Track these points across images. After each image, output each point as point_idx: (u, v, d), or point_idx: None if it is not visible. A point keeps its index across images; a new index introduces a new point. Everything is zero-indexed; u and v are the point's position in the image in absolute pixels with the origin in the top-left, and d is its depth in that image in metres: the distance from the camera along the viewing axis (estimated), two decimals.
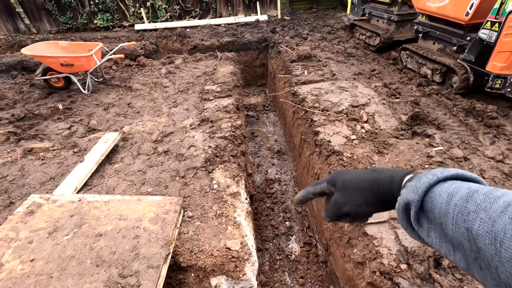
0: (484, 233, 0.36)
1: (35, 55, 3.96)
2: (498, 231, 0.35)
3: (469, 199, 0.39)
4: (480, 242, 0.37)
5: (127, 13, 9.08)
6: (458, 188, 0.42)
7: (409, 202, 0.47)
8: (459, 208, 0.40)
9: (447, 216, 0.41)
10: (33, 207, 2.09)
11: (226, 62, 5.28)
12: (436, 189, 0.45)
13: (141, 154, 2.96)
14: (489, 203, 0.37)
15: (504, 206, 0.35)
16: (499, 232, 0.35)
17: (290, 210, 3.67)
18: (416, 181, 0.48)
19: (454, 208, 0.40)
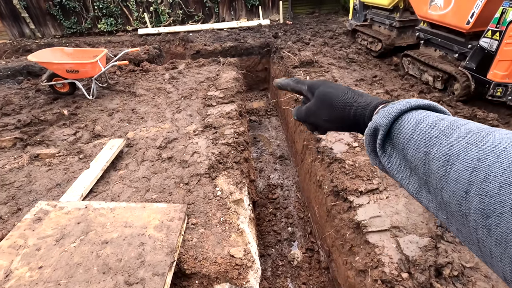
0: (440, 156, 0.37)
1: (41, 62, 4.03)
2: (452, 154, 0.36)
3: (433, 126, 0.40)
4: (433, 164, 0.38)
5: (130, 18, 9.18)
6: (427, 116, 0.43)
7: (378, 126, 0.47)
8: (423, 134, 0.40)
9: (411, 141, 0.42)
10: (41, 214, 2.13)
11: (229, 68, 5.33)
12: (406, 116, 0.45)
13: (146, 160, 3.00)
14: (451, 129, 0.38)
15: (464, 133, 0.36)
16: (452, 155, 0.36)
17: (293, 216, 3.70)
18: (389, 107, 0.47)
19: (418, 134, 0.41)
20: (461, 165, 0.34)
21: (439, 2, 3.65)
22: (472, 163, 0.33)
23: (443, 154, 0.37)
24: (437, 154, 0.38)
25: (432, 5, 3.79)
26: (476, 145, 0.34)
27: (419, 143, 0.41)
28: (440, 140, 0.38)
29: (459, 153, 0.35)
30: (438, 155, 0.38)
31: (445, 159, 0.36)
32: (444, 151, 0.37)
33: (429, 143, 0.39)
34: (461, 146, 0.35)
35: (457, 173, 0.34)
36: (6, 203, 2.44)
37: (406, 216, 2.11)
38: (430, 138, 0.39)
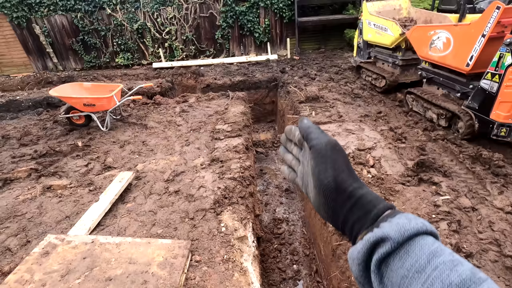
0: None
1: (61, 96, 4.29)
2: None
3: (453, 269, 0.37)
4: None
5: (146, 53, 9.75)
6: (442, 250, 0.40)
7: (386, 239, 0.41)
8: (439, 272, 0.37)
9: (421, 273, 0.38)
10: (49, 248, 2.18)
11: (237, 102, 5.54)
12: (419, 240, 0.41)
13: (153, 193, 3.06)
14: (474, 284, 0.35)
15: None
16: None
17: (298, 253, 3.62)
18: (404, 221, 0.42)
19: (433, 270, 0.38)
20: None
21: (438, 44, 3.82)
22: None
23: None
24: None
25: (432, 47, 3.96)
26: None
27: (433, 282, 0.37)
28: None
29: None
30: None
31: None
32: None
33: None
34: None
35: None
36: (17, 235, 2.50)
37: None
38: (450, 284, 0.36)
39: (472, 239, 2.23)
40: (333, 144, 0.54)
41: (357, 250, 0.44)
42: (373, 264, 0.42)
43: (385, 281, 0.41)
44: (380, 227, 0.43)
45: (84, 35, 9.28)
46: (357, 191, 0.49)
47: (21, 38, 9.21)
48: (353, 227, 0.48)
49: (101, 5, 8.95)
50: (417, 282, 0.38)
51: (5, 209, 2.83)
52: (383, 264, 0.42)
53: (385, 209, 0.47)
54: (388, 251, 0.41)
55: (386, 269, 0.42)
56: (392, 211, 0.46)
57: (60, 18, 9.07)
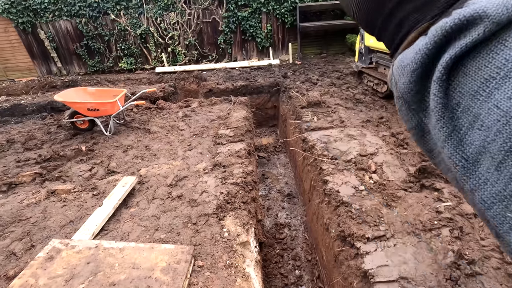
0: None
1: (65, 101, 4.34)
2: None
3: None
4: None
5: (149, 57, 9.84)
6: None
7: (481, 18, 0.25)
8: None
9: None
10: (53, 253, 2.20)
11: (239, 107, 5.57)
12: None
13: (156, 198, 3.08)
14: None
15: None
16: None
17: (300, 258, 3.62)
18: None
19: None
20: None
21: None
22: None
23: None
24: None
25: None
26: None
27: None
28: None
29: None
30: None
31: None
32: None
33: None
34: None
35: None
36: (21, 239, 2.52)
37: (414, 267, 2.08)
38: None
39: (475, 246, 2.23)
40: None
41: (416, 50, 0.29)
42: (442, 65, 0.28)
43: (451, 92, 0.28)
44: (467, 5, 0.27)
45: (88, 40, 9.38)
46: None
47: (26, 43, 9.33)
48: (404, 23, 0.32)
49: (105, 11, 9.06)
50: (507, 88, 0.24)
51: (10, 214, 2.86)
52: (453, 67, 0.28)
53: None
54: (480, 37, 0.26)
55: (456, 75, 0.28)
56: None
57: (64, 24, 9.19)
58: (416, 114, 0.32)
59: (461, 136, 0.28)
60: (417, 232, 2.36)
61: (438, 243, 2.25)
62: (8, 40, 9.29)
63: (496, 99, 0.25)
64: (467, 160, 0.27)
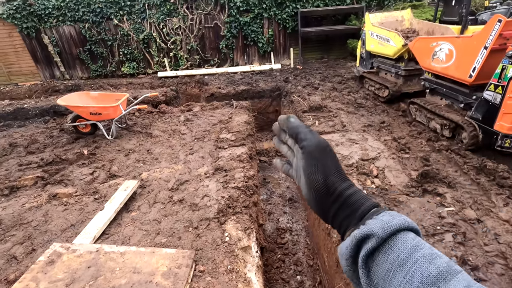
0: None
1: (68, 105, 4.36)
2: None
3: (432, 262, 0.39)
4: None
5: (151, 62, 9.91)
6: (422, 244, 0.42)
7: (372, 235, 0.44)
8: (419, 265, 0.39)
9: (403, 267, 0.40)
10: (54, 257, 2.19)
11: (241, 111, 5.59)
12: (401, 235, 0.44)
13: (157, 202, 3.08)
14: (450, 275, 0.38)
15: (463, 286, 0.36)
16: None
17: (302, 263, 3.60)
18: (388, 217, 0.45)
19: (414, 263, 0.40)
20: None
21: (441, 55, 3.85)
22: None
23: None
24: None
25: (434, 58, 4.00)
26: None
27: (413, 274, 0.39)
28: (439, 283, 0.37)
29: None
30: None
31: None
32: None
33: (426, 281, 0.38)
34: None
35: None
36: (22, 243, 2.52)
37: None
38: (429, 275, 0.38)
39: (478, 252, 2.21)
40: (322, 147, 0.55)
41: (345, 246, 0.47)
42: (360, 259, 0.45)
43: (372, 275, 0.44)
44: (366, 224, 0.46)
45: (91, 45, 9.47)
46: (345, 191, 0.52)
47: (30, 48, 9.42)
48: (342, 224, 0.52)
49: (108, 16, 9.15)
50: (399, 275, 0.40)
51: (11, 217, 2.86)
52: (369, 259, 0.45)
53: (371, 207, 0.50)
54: (374, 246, 0.44)
55: (372, 264, 0.44)
56: (377, 209, 0.49)
57: (68, 29, 9.28)
58: (357, 286, 0.48)
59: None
60: None
61: (441, 248, 2.23)
62: (12, 45, 9.38)
63: (394, 285, 0.41)
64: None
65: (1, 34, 9.20)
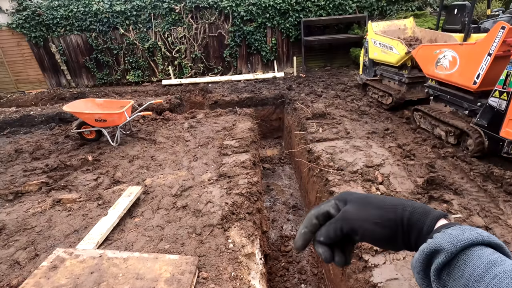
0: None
1: (74, 112, 4.41)
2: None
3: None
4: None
5: (156, 70, 10.04)
6: (502, 260, 0.39)
7: (440, 250, 0.43)
8: (499, 280, 0.37)
9: (480, 282, 0.38)
10: (57, 262, 2.18)
11: (245, 118, 5.61)
12: (476, 250, 0.41)
13: (161, 208, 3.07)
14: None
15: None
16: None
17: (306, 271, 3.54)
18: (457, 231, 0.43)
19: (492, 279, 0.37)
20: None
21: (444, 63, 3.86)
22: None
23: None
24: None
25: (438, 66, 4.01)
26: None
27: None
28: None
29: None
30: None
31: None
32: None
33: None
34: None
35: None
36: (26, 248, 2.51)
37: None
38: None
39: None
40: (362, 197, 0.57)
41: (415, 260, 0.47)
42: (432, 273, 0.44)
43: None
44: (434, 237, 0.45)
45: (98, 54, 9.62)
46: (403, 217, 0.52)
47: (38, 57, 9.59)
48: (416, 243, 0.51)
49: (114, 26, 9.33)
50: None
51: (16, 222, 2.86)
52: (444, 273, 0.43)
53: (435, 220, 0.49)
54: (444, 261, 0.42)
55: (448, 278, 0.43)
56: (446, 222, 0.49)
57: (75, 38, 9.47)
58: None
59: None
60: None
61: None
62: (20, 53, 9.57)
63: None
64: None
65: (10, 43, 9.40)
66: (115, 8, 9.06)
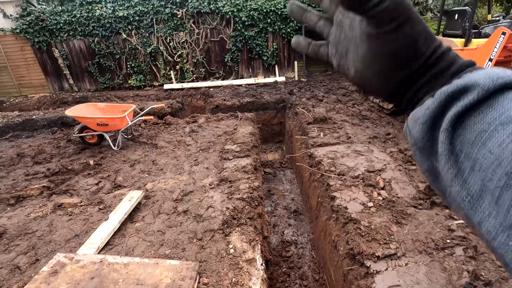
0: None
1: (76, 116, 4.43)
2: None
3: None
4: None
5: (158, 75, 10.09)
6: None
7: (473, 87, 0.34)
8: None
9: (508, 125, 0.31)
10: (57, 267, 2.17)
11: (246, 123, 5.62)
12: (509, 93, 0.33)
13: (162, 213, 3.06)
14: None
15: None
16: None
17: (307, 277, 3.51)
18: (496, 70, 0.34)
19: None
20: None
21: None
22: None
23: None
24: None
25: None
26: None
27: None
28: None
29: None
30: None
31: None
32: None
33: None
34: None
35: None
36: (26, 253, 2.51)
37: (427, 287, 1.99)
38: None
39: (491, 266, 2.14)
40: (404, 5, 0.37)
41: (426, 107, 0.37)
42: (448, 120, 0.35)
43: (455, 141, 0.35)
44: (463, 77, 0.36)
45: (100, 58, 9.69)
46: (438, 48, 0.40)
47: (41, 61, 9.67)
48: (418, 92, 0.41)
49: (117, 31, 9.41)
50: (500, 134, 0.31)
51: (17, 227, 2.86)
52: (457, 122, 0.35)
53: (467, 65, 0.39)
54: (475, 100, 0.34)
55: (458, 127, 0.35)
56: (475, 67, 0.39)
57: (78, 43, 9.55)
58: (428, 159, 0.39)
59: (465, 177, 0.34)
60: (429, 251, 2.28)
61: (452, 263, 2.17)
62: (24, 58, 9.65)
63: (489, 147, 0.31)
64: (472, 196, 0.33)
65: (14, 48, 9.49)
66: (118, 14, 9.15)
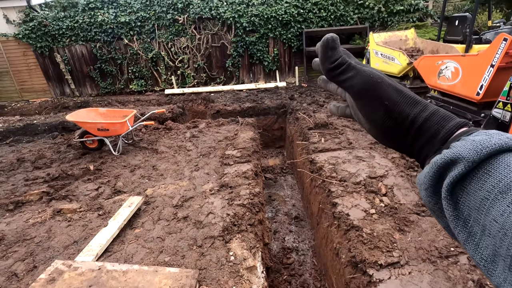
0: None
1: (77, 121, 4.43)
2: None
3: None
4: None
5: (159, 80, 10.13)
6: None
7: (459, 159, 0.35)
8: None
9: (506, 193, 0.31)
10: (55, 275, 2.14)
11: (247, 128, 5.61)
12: (505, 157, 0.33)
13: (162, 219, 3.03)
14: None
15: None
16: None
17: (309, 285, 3.46)
18: (483, 137, 0.35)
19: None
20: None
21: (447, 74, 3.86)
22: None
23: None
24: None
25: (440, 76, 4.01)
26: None
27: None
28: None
29: None
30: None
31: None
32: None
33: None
34: None
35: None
36: (24, 260, 2.48)
37: None
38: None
39: None
40: (372, 83, 0.44)
41: (424, 174, 0.39)
42: (444, 189, 0.36)
43: (461, 206, 0.35)
44: (451, 147, 0.37)
45: (102, 63, 9.75)
46: (418, 116, 0.43)
47: (43, 66, 9.73)
48: (421, 152, 0.43)
49: (119, 36, 9.48)
50: (501, 203, 0.31)
51: (15, 233, 2.84)
52: (457, 188, 0.36)
53: (456, 127, 0.41)
54: (461, 173, 0.34)
55: (461, 193, 0.35)
56: (468, 129, 0.40)
57: (80, 48, 9.61)
58: (441, 219, 0.40)
59: (477, 241, 0.34)
60: (433, 259, 2.24)
61: (456, 272, 2.13)
62: (26, 63, 9.71)
63: (493, 215, 0.31)
64: (486, 260, 0.32)
65: (16, 53, 9.55)
66: (119, 19, 9.22)
